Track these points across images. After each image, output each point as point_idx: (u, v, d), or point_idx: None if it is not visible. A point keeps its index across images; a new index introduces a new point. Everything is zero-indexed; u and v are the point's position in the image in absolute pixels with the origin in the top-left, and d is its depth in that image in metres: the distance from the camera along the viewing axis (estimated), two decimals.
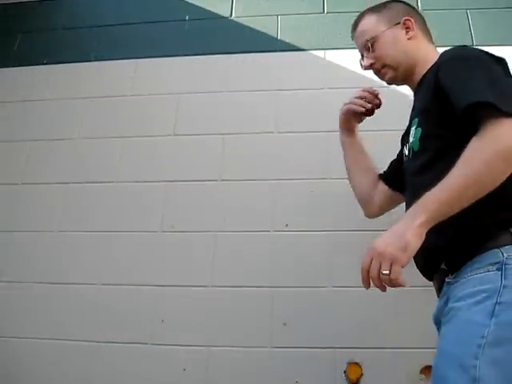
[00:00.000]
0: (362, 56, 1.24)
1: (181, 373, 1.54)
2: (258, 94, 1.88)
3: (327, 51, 1.91)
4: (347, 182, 1.41)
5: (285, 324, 1.56)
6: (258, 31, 1.99)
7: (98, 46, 2.07)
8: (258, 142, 1.81)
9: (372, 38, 1.18)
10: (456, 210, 0.87)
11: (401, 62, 1.15)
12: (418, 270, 1.07)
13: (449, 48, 1.07)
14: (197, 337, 1.57)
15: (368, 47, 1.19)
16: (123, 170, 1.83)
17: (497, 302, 0.84)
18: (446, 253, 0.97)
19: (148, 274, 1.67)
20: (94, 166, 1.85)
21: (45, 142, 1.92)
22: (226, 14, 2.05)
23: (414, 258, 0.91)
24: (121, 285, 1.67)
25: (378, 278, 0.88)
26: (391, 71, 1.17)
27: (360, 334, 1.52)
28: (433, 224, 0.87)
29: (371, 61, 1.19)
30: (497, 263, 0.87)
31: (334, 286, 1.58)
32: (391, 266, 0.86)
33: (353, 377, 1.48)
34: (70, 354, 1.60)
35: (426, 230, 0.87)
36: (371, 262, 0.89)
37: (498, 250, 0.89)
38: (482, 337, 0.81)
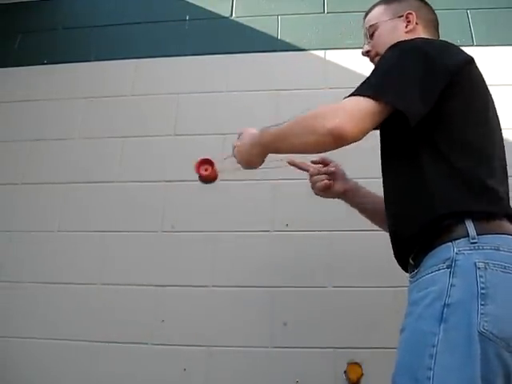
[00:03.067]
0: (365, 43, 1.25)
1: (181, 373, 1.54)
2: (258, 93, 1.88)
3: (327, 51, 1.91)
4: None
5: (285, 324, 1.56)
6: (258, 31, 1.99)
7: (97, 46, 2.07)
8: None
9: (372, 25, 1.20)
10: (281, 151, 1.06)
11: None
12: None
13: None
14: (197, 337, 1.57)
15: (368, 35, 1.21)
16: (123, 170, 1.83)
17: (445, 304, 0.81)
18: (407, 244, 0.96)
19: (148, 274, 1.67)
20: (94, 166, 1.85)
21: (45, 142, 1.92)
22: (227, 14, 2.05)
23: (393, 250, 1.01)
24: (121, 285, 1.67)
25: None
26: None
27: (360, 334, 1.52)
28: (268, 153, 1.09)
29: (368, 48, 1.21)
30: (447, 259, 0.85)
31: (334, 286, 1.58)
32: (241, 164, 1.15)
33: (353, 377, 1.48)
34: (69, 354, 1.60)
35: (266, 154, 1.10)
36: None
37: (450, 243, 0.86)
38: (433, 346, 0.79)
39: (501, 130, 1.05)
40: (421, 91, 0.92)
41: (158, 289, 1.65)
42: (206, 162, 1.31)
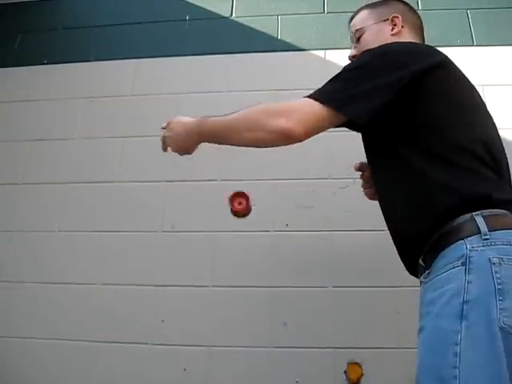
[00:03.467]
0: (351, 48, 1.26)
1: (181, 373, 1.54)
2: (258, 93, 1.88)
3: (327, 51, 1.91)
4: (347, 181, 1.41)
5: (285, 324, 1.56)
6: (258, 31, 1.99)
7: (97, 46, 2.07)
8: None
9: (358, 30, 1.21)
10: (222, 143, 1.11)
11: None
12: None
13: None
14: (197, 337, 1.57)
15: (354, 39, 1.22)
16: (123, 169, 1.83)
17: (464, 301, 0.81)
18: (417, 245, 0.96)
19: (148, 274, 1.67)
20: (94, 166, 1.85)
21: (45, 142, 1.92)
22: (227, 14, 2.05)
23: (398, 254, 1.01)
24: (121, 285, 1.67)
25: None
26: None
27: (360, 334, 1.52)
28: (204, 140, 1.13)
29: (354, 52, 1.21)
30: (461, 257, 0.85)
31: (334, 286, 1.58)
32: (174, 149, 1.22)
33: (353, 377, 1.48)
34: (69, 354, 1.60)
35: (199, 142, 1.14)
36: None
37: (462, 241, 0.86)
38: (456, 344, 0.79)
39: (494, 123, 1.05)
40: (372, 93, 0.95)
41: (158, 289, 1.65)
42: (240, 195, 1.29)
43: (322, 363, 1.50)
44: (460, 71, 1.05)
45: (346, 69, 1.01)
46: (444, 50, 1.08)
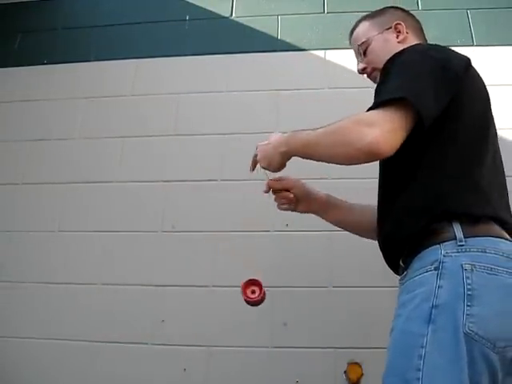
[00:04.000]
0: (358, 61, 1.25)
1: (181, 373, 1.54)
2: (258, 93, 1.88)
3: (327, 51, 1.91)
4: (347, 181, 1.41)
5: (285, 324, 1.56)
6: (258, 31, 1.99)
7: (97, 46, 2.07)
8: (258, 142, 1.81)
9: (363, 42, 1.19)
10: (308, 158, 1.03)
11: None
12: None
13: None
14: (197, 337, 1.57)
15: (360, 52, 1.20)
16: (123, 170, 1.83)
17: (433, 306, 0.82)
18: (396, 247, 0.97)
19: (148, 274, 1.67)
20: (94, 166, 1.85)
21: (45, 142, 1.92)
22: (227, 14, 2.05)
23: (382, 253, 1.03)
24: (121, 285, 1.66)
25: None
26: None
27: (360, 334, 1.52)
28: (292, 155, 1.07)
29: (364, 65, 1.21)
30: (435, 261, 0.86)
31: (334, 286, 1.58)
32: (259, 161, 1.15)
33: (353, 377, 1.47)
34: (69, 354, 1.60)
35: (289, 156, 1.07)
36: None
37: (438, 246, 0.87)
38: (422, 347, 0.80)
39: (496, 130, 1.05)
40: (435, 95, 0.91)
41: (158, 289, 1.65)
42: (254, 283, 1.25)
43: (322, 363, 1.50)
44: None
45: (394, 69, 0.96)
46: None
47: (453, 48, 1.09)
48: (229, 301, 1.60)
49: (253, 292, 1.23)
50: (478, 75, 1.05)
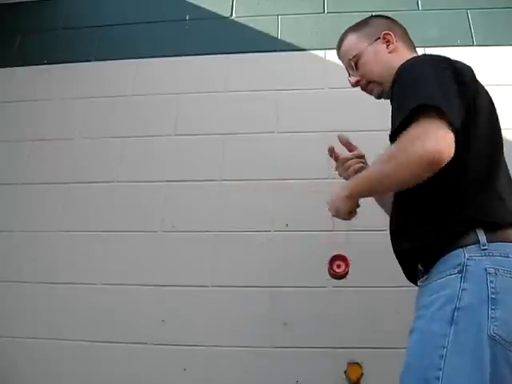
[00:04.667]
0: (349, 74, 1.24)
1: (181, 373, 1.54)
2: (258, 93, 1.88)
3: (327, 51, 1.91)
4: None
5: (285, 324, 1.56)
6: (258, 31, 1.99)
7: (98, 46, 2.07)
8: (258, 142, 1.81)
9: (354, 56, 1.18)
10: (375, 193, 1.07)
11: (384, 76, 1.13)
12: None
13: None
14: (197, 337, 1.57)
15: (352, 66, 1.19)
16: (123, 170, 1.83)
17: (456, 308, 0.83)
18: (418, 253, 0.97)
19: (148, 274, 1.67)
20: (94, 166, 1.85)
21: (45, 142, 1.92)
22: (227, 14, 2.05)
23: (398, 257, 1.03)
24: (121, 285, 1.67)
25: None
26: (377, 86, 1.17)
27: (360, 334, 1.52)
28: (357, 196, 1.03)
29: (357, 78, 1.20)
30: (458, 265, 0.87)
31: (334, 286, 1.58)
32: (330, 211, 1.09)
33: (353, 377, 1.48)
34: (69, 354, 1.60)
35: (354, 198, 1.03)
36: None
37: (461, 249, 0.88)
38: (443, 347, 0.81)
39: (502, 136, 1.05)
40: (458, 105, 0.92)
41: (158, 289, 1.65)
42: (339, 257, 1.27)
43: (322, 363, 1.50)
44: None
45: (411, 82, 0.95)
46: (444, 50, 1.08)
47: (453, 48, 1.10)
48: (229, 301, 1.60)
49: (338, 266, 1.25)
50: (482, 86, 1.06)
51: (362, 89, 1.22)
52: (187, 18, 2.06)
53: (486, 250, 0.87)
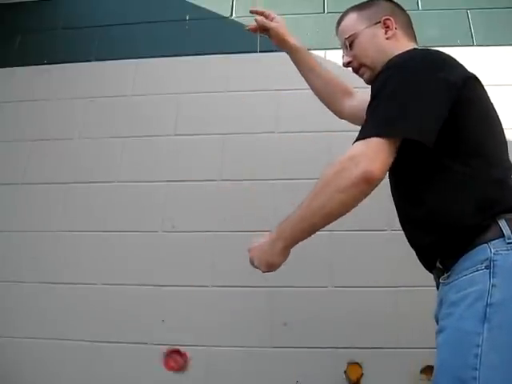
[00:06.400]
0: (344, 54, 1.22)
1: (181, 373, 1.54)
2: (258, 93, 1.88)
3: (327, 51, 1.91)
4: None
5: (285, 324, 1.56)
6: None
7: (97, 46, 2.07)
8: (258, 142, 1.81)
9: (350, 36, 1.16)
10: (311, 233, 0.97)
11: (377, 61, 1.10)
12: (418, 271, 1.06)
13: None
14: (197, 337, 1.57)
15: (347, 45, 1.18)
16: (123, 169, 1.83)
17: (487, 304, 0.81)
18: (437, 249, 0.96)
19: (148, 274, 1.67)
20: (94, 166, 1.85)
21: (45, 142, 1.92)
22: (227, 14, 2.05)
23: (416, 253, 1.00)
24: (121, 285, 1.67)
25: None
26: (368, 71, 1.15)
27: (360, 334, 1.52)
28: (292, 245, 0.99)
29: (349, 59, 1.18)
30: (485, 260, 0.85)
31: (334, 286, 1.58)
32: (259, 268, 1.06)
33: (353, 377, 1.48)
34: (69, 353, 1.60)
35: (289, 248, 1.00)
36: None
37: (486, 245, 0.86)
38: (478, 346, 0.79)
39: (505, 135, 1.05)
40: (431, 112, 0.91)
41: (158, 289, 1.65)
42: (175, 352, 1.29)
43: (322, 363, 1.50)
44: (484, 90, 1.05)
45: (388, 89, 0.94)
46: (444, 50, 1.07)
47: (453, 48, 1.09)
48: (229, 301, 1.61)
49: (175, 361, 1.30)
50: (482, 86, 1.05)
51: (354, 71, 1.20)
52: (187, 18, 2.06)
53: (511, 243, 0.85)
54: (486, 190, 0.91)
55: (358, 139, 0.92)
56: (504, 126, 1.07)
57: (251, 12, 1.40)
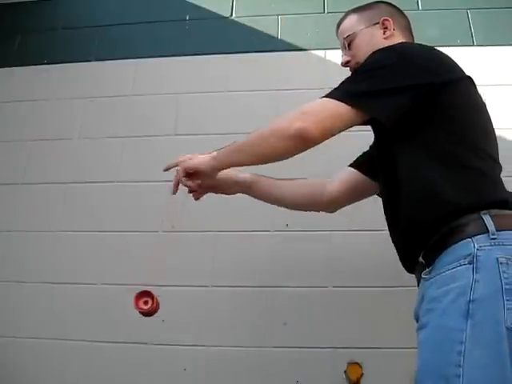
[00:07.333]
0: (342, 54, 1.24)
1: (181, 373, 1.54)
2: (258, 93, 1.88)
3: (327, 51, 1.91)
4: None
5: (285, 324, 1.56)
6: (258, 31, 1.99)
7: (98, 46, 2.06)
8: None
9: (349, 36, 1.19)
10: (237, 164, 1.10)
11: None
12: None
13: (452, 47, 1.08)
14: (197, 337, 1.57)
15: (345, 45, 1.20)
16: (123, 169, 1.83)
17: (470, 300, 0.81)
18: (420, 243, 0.95)
19: (148, 274, 1.67)
20: (94, 166, 1.85)
21: (45, 142, 1.92)
22: (226, 14, 2.05)
23: (397, 251, 1.03)
24: (121, 285, 1.66)
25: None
26: None
27: (360, 334, 1.52)
28: (219, 163, 1.13)
29: (347, 58, 1.20)
30: (468, 255, 0.84)
31: (334, 286, 1.58)
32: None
33: (353, 377, 1.48)
34: (70, 353, 1.60)
35: (214, 164, 1.15)
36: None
37: (469, 240, 0.86)
38: (461, 342, 0.79)
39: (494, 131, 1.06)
40: (395, 93, 0.95)
41: (158, 289, 1.65)
42: (146, 294, 1.28)
43: (322, 363, 1.50)
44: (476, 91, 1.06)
45: (365, 67, 1.02)
46: (444, 50, 1.08)
47: (453, 48, 1.09)
48: (229, 301, 1.61)
49: (145, 303, 1.26)
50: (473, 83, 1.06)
51: (351, 70, 1.21)
52: (187, 18, 2.06)
53: (495, 239, 0.84)
54: (471, 185, 0.91)
55: (323, 97, 0.99)
56: (504, 125, 1.07)
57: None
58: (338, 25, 1.25)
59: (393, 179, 1.04)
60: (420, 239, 0.95)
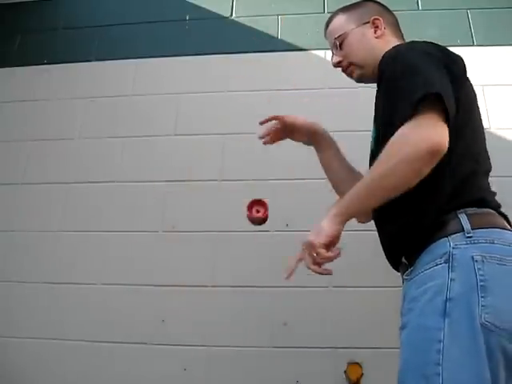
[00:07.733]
0: (333, 54, 1.23)
1: (181, 373, 1.54)
2: (258, 93, 1.88)
3: (327, 51, 1.90)
4: None
5: (285, 324, 1.56)
6: (258, 31, 1.99)
7: (98, 46, 2.07)
8: (258, 142, 1.80)
9: (340, 36, 1.18)
10: (368, 206, 0.94)
11: (367, 60, 1.14)
12: None
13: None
14: (197, 337, 1.57)
15: (336, 45, 1.19)
16: (123, 169, 1.83)
17: (447, 299, 0.81)
18: (401, 244, 0.96)
19: (148, 274, 1.67)
20: (94, 166, 1.85)
21: (45, 142, 1.92)
22: (227, 14, 2.05)
23: (383, 251, 1.01)
24: (121, 285, 1.67)
25: (311, 264, 0.99)
26: (358, 69, 1.17)
27: (360, 334, 1.52)
28: (347, 215, 0.94)
29: (339, 59, 1.19)
30: (444, 254, 0.85)
31: (334, 286, 1.58)
32: (314, 250, 0.97)
33: (353, 377, 1.48)
34: (69, 354, 1.60)
35: (342, 220, 0.93)
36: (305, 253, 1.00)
37: (446, 239, 0.87)
38: (439, 341, 0.79)
39: (483, 129, 1.05)
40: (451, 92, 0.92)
41: (158, 289, 1.65)
42: (258, 203, 1.26)
43: (322, 363, 1.50)
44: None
45: (406, 72, 0.93)
46: None
47: (453, 48, 1.09)
48: (229, 301, 1.61)
49: (257, 212, 1.25)
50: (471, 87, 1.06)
51: (343, 70, 1.21)
52: (187, 18, 2.06)
53: (471, 237, 0.85)
54: (448, 184, 0.91)
55: (403, 118, 0.88)
56: (504, 125, 1.07)
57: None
58: (327, 24, 1.24)
59: None
60: (401, 241, 0.96)
